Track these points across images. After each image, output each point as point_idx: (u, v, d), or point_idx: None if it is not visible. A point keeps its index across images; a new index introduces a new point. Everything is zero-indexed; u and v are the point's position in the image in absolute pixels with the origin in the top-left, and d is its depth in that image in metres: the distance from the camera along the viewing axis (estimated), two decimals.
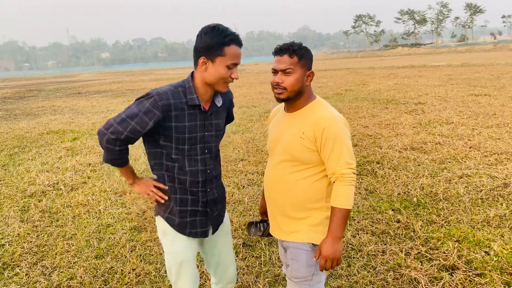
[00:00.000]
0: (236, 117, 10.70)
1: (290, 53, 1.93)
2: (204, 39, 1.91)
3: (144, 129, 1.92)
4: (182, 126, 1.97)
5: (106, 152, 2.03)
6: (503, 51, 59.13)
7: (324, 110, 2.00)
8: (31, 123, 11.94)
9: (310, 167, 2.00)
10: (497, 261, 3.16)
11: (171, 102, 1.93)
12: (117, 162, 2.08)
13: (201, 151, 2.07)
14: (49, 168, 6.64)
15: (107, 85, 29.58)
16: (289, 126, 2.04)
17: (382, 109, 10.73)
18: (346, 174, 1.91)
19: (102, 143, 2.00)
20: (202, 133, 2.05)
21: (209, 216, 2.18)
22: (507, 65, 24.15)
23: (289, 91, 1.96)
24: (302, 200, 2.03)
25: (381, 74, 24.09)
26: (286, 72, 1.94)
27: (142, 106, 1.91)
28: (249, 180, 5.53)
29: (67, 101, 18.84)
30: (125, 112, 1.95)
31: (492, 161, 5.65)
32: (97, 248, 3.82)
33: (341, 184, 1.92)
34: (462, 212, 4.13)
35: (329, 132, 1.91)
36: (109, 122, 1.98)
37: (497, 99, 11.01)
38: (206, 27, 1.94)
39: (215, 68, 1.93)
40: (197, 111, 2.01)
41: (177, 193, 2.10)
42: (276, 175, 2.09)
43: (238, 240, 3.79)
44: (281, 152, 2.06)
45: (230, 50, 1.91)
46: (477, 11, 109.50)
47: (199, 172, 2.08)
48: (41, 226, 4.39)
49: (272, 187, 2.12)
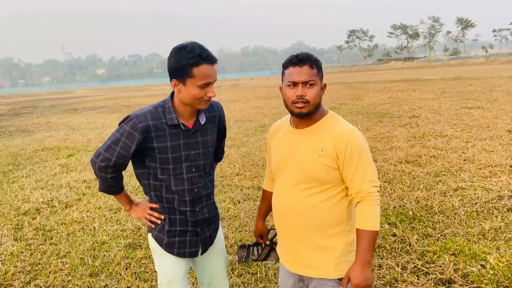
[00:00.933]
0: (232, 131, 10.73)
1: (311, 64, 1.79)
2: (171, 62, 1.88)
3: (129, 152, 1.94)
4: (164, 146, 1.96)
5: (100, 181, 2.07)
6: (495, 64, 59.85)
7: (341, 123, 1.85)
8: (26, 140, 11.90)
9: (330, 187, 1.84)
10: (493, 274, 3.15)
11: (150, 124, 1.92)
12: (111, 189, 2.11)
13: (188, 170, 2.03)
14: (43, 185, 6.60)
15: (103, 101, 29.61)
16: (303, 143, 1.87)
17: (377, 122, 10.79)
18: (373, 193, 1.77)
19: (95, 172, 2.04)
20: (187, 152, 2.01)
21: (200, 237, 2.14)
22: (499, 78, 24.43)
23: (311, 105, 1.80)
24: (322, 226, 1.85)
25: (375, 88, 24.29)
26: (309, 83, 1.78)
27: (123, 131, 1.92)
28: (245, 195, 5.52)
29: (62, 117, 18.82)
30: (109, 138, 1.98)
31: (486, 173, 5.67)
32: (91, 266, 3.78)
33: (368, 204, 1.77)
34: (457, 225, 4.13)
35: (353, 146, 1.77)
36: (98, 150, 2.01)
37: (490, 111, 11.12)
38: (174, 49, 1.88)
39: (187, 90, 1.89)
40: (179, 130, 1.98)
41: (165, 213, 2.09)
42: (290, 199, 1.89)
43: (234, 256, 3.77)
44: (295, 173, 1.87)
45: (199, 71, 1.84)
46: (468, 25, 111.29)
47: (186, 191, 2.04)
48: (34, 244, 4.34)
49: (286, 213, 1.92)
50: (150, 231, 2.16)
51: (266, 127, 11.25)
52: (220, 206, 5.10)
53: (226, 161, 7.47)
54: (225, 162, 7.39)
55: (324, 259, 1.87)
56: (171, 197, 2.05)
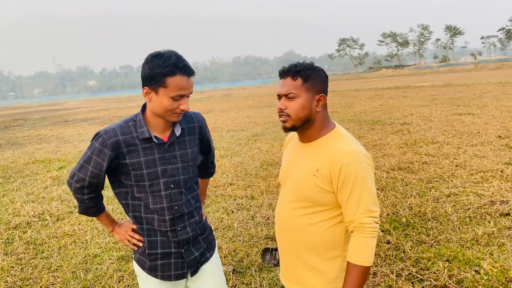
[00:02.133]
0: (224, 141, 10.72)
1: (293, 75, 1.68)
2: (145, 69, 1.77)
3: (102, 170, 1.83)
4: (138, 162, 1.84)
5: (78, 203, 1.97)
6: (484, 70, 60.61)
7: (343, 143, 1.68)
8: (16, 152, 11.78)
9: (325, 209, 1.71)
10: (487, 279, 3.16)
11: (120, 139, 1.81)
12: (90, 211, 1.99)
13: (165, 186, 1.89)
14: (34, 199, 6.52)
15: (94, 113, 29.48)
16: (302, 160, 1.77)
17: (369, 130, 10.85)
18: (367, 224, 1.62)
19: (73, 194, 1.95)
20: (164, 167, 1.88)
21: (186, 258, 1.99)
22: (488, 84, 24.73)
23: (293, 119, 1.68)
24: (316, 247, 1.75)
25: (366, 95, 24.46)
26: (289, 96, 1.68)
27: (93, 148, 1.83)
28: (238, 205, 5.50)
29: (54, 129, 18.69)
30: (82, 157, 1.88)
31: (478, 179, 5.71)
32: (83, 280, 3.73)
33: (360, 236, 1.62)
34: (451, 231, 4.14)
35: (347, 171, 1.61)
36: (72, 171, 1.91)
37: (480, 117, 11.23)
38: (149, 55, 1.79)
39: (159, 100, 1.77)
40: (153, 144, 1.86)
41: (145, 235, 1.96)
42: (285, 215, 1.82)
43: (228, 267, 3.74)
44: (291, 189, 1.79)
45: (173, 81, 1.73)
46: (456, 32, 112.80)
47: (165, 210, 1.90)
48: (25, 259, 4.28)
49: (282, 228, 1.86)
50: (133, 254, 2.05)
51: (258, 136, 11.26)
52: (213, 216, 5.07)
53: (219, 170, 7.44)
54: (218, 172, 7.36)
55: (318, 281, 1.78)
56: (151, 217, 1.93)
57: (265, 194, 5.79)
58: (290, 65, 1.73)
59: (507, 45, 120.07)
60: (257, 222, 4.79)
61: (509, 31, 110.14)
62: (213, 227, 4.73)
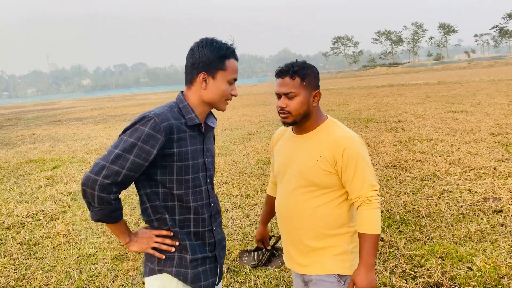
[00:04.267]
0: (219, 139, 10.71)
1: (291, 75, 1.82)
2: (203, 53, 1.68)
3: (147, 160, 1.58)
4: (185, 151, 1.67)
5: (99, 206, 1.57)
6: (477, 68, 60.95)
7: (340, 130, 1.87)
8: (10, 152, 11.70)
9: (330, 191, 1.87)
10: (480, 276, 3.18)
11: (173, 123, 1.63)
12: (115, 214, 1.62)
13: (204, 181, 1.76)
14: (28, 199, 6.48)
15: (88, 112, 29.35)
16: (302, 149, 1.90)
17: (363, 128, 10.88)
18: (372, 197, 1.80)
19: (94, 195, 1.54)
20: (203, 159, 1.75)
21: (218, 262, 1.84)
22: (481, 82, 24.88)
23: (294, 115, 1.84)
24: (323, 228, 1.88)
25: (360, 93, 24.52)
26: (289, 96, 1.82)
27: (140, 133, 1.56)
28: (233, 203, 5.50)
29: (47, 129, 18.58)
30: (117, 146, 1.57)
31: (471, 176, 5.75)
32: (77, 280, 3.71)
33: (368, 208, 1.79)
34: (444, 228, 4.17)
35: (350, 153, 1.79)
36: (98, 164, 1.55)
37: (474, 115, 11.29)
38: (204, 40, 1.73)
39: (216, 85, 1.71)
40: (197, 133, 1.73)
41: (185, 239, 1.72)
42: (292, 203, 1.92)
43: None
44: (295, 178, 1.90)
45: (231, 64, 1.72)
46: (450, 30, 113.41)
47: (204, 207, 1.75)
48: (19, 259, 4.26)
49: (288, 216, 1.94)
50: (159, 271, 1.72)
51: (253, 135, 11.25)
52: None
53: None
54: None
55: (323, 257, 1.90)
56: (186, 218, 1.72)
57: (260, 193, 5.79)
58: (286, 65, 1.85)
59: (500, 42, 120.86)
60: (252, 221, 4.79)
61: (502, 29, 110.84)
62: None
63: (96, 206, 1.57)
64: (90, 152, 10.51)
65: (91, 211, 1.59)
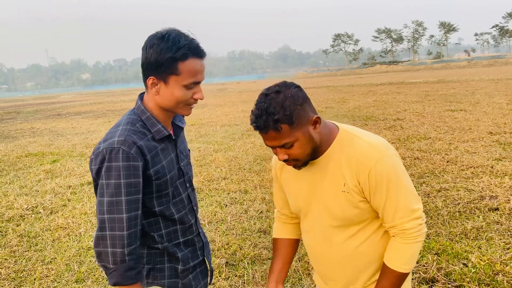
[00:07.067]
0: (218, 135, 10.75)
1: (275, 128, 1.36)
2: (150, 54, 1.43)
3: (139, 192, 1.44)
4: (161, 167, 1.51)
5: (126, 267, 1.42)
6: (477, 67, 60.99)
7: (358, 141, 1.47)
8: (9, 146, 11.72)
9: (367, 224, 1.52)
10: (475, 272, 3.23)
11: (142, 145, 1.45)
12: (140, 273, 1.47)
13: (184, 188, 1.64)
14: (27, 192, 6.52)
15: (88, 106, 29.34)
16: (320, 178, 1.53)
17: (362, 125, 10.91)
18: (409, 230, 1.42)
19: (122, 268, 1.41)
20: (178, 165, 1.62)
21: (209, 262, 1.79)
22: (481, 81, 24.91)
23: (302, 159, 1.47)
24: (371, 265, 1.55)
25: (360, 91, 24.54)
26: (286, 146, 1.42)
27: (116, 170, 1.40)
28: (231, 198, 5.54)
29: (47, 123, 18.59)
30: (103, 195, 1.41)
31: (468, 174, 5.79)
32: (77, 272, 3.75)
33: (401, 242, 1.44)
34: (440, 225, 4.21)
35: (377, 173, 1.40)
36: (113, 236, 1.41)
37: (472, 114, 11.33)
38: (152, 36, 1.45)
39: (169, 91, 1.46)
40: (167, 143, 1.57)
41: (177, 252, 1.63)
42: (327, 246, 1.57)
43: (221, 259, 3.78)
44: (323, 214, 1.55)
45: (186, 66, 1.43)
46: (450, 29, 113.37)
47: (188, 214, 1.65)
48: (19, 251, 4.30)
49: (326, 260, 1.61)
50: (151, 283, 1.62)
51: (252, 131, 11.28)
52: (207, 210, 5.11)
53: (213, 165, 7.48)
54: (212, 166, 7.40)
55: None
56: (173, 230, 1.61)
57: (258, 189, 5.83)
58: (260, 115, 1.37)
59: (500, 42, 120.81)
60: (250, 216, 4.84)
61: (502, 28, 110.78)
62: (207, 221, 4.77)
63: (125, 268, 1.43)
64: (90, 146, 10.54)
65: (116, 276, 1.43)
